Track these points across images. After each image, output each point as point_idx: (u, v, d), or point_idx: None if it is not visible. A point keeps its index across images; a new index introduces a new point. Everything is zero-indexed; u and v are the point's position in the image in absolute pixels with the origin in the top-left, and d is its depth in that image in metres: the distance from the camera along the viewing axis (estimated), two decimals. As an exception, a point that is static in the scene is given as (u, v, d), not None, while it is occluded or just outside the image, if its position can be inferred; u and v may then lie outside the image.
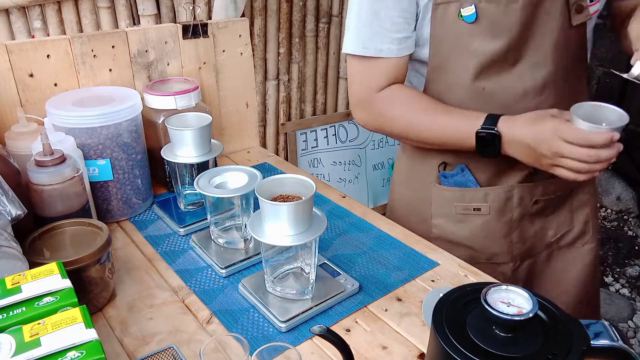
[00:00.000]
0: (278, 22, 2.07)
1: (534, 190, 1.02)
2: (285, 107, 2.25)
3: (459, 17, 0.89)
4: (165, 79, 1.18)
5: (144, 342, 0.74)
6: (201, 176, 0.89)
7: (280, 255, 0.79)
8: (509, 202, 1.01)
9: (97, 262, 0.77)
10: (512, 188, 1.01)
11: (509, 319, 0.47)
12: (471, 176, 1.01)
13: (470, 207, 1.03)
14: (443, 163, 1.03)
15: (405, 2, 0.91)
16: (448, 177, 1.03)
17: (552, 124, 0.84)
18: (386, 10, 0.92)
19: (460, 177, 1.02)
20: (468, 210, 1.03)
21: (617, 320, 2.23)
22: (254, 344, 0.72)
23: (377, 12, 0.92)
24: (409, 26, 0.94)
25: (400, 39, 0.94)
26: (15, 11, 1.51)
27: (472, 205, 1.02)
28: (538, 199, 1.03)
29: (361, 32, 0.94)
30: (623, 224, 2.91)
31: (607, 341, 0.49)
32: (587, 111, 0.83)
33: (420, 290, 0.84)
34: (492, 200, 1.01)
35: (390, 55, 0.95)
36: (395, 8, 0.91)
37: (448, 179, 1.03)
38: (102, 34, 1.09)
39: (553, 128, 0.83)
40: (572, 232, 1.09)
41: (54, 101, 1.00)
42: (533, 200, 1.02)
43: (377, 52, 0.94)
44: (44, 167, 0.85)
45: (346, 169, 2.45)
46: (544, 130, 0.84)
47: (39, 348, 0.54)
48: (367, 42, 0.94)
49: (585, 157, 0.82)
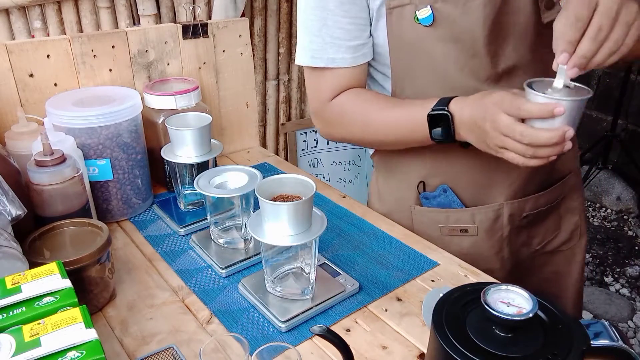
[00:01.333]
0: (278, 22, 2.08)
1: (524, 205, 0.96)
2: (285, 107, 2.25)
3: (416, 20, 0.83)
4: (165, 79, 1.18)
5: (144, 342, 0.74)
6: (201, 176, 0.89)
7: (280, 255, 0.79)
8: (497, 220, 0.95)
9: (97, 262, 0.77)
10: (501, 207, 0.94)
11: (509, 319, 0.47)
12: (455, 196, 0.95)
13: (457, 229, 0.97)
14: (421, 182, 0.97)
15: (355, 8, 0.85)
16: (430, 199, 0.96)
17: (498, 96, 0.75)
18: (334, 18, 0.86)
19: (443, 198, 0.95)
20: (454, 232, 0.97)
21: (617, 320, 2.23)
22: (254, 344, 0.72)
23: (325, 21, 0.86)
24: (362, 32, 0.88)
25: (355, 47, 0.88)
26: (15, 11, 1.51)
27: (459, 226, 0.96)
28: (528, 214, 0.97)
29: (311, 42, 0.89)
30: (623, 224, 2.91)
31: (607, 341, 0.49)
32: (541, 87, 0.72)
33: (420, 290, 0.84)
34: (480, 221, 0.95)
35: (344, 65, 0.89)
36: (345, 15, 0.85)
37: (430, 200, 0.96)
38: (102, 34, 1.09)
39: (497, 100, 0.74)
40: (558, 238, 1.04)
41: (54, 101, 1.00)
42: (523, 216, 0.97)
43: (329, 62, 0.89)
44: (44, 167, 0.85)
45: (346, 169, 2.45)
46: (489, 103, 0.75)
47: (39, 348, 0.54)
48: (317, 53, 0.89)
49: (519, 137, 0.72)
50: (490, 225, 0.96)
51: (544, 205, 0.98)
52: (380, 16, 0.86)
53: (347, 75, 0.91)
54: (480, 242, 0.97)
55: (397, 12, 0.84)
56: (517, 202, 0.95)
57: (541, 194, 0.97)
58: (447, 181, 0.95)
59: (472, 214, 0.95)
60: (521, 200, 0.95)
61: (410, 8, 0.82)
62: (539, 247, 1.03)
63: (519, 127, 0.71)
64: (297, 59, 0.93)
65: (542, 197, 0.97)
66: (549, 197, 0.98)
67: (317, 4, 0.86)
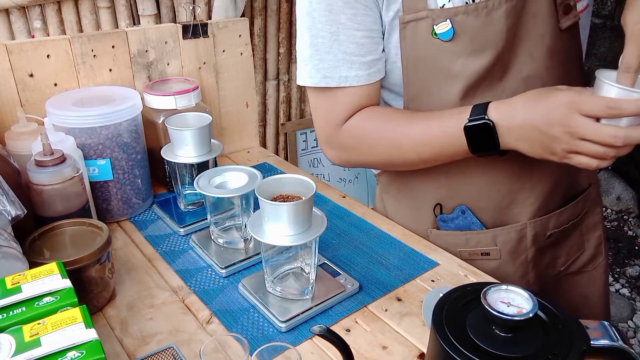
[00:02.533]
0: (278, 22, 2.07)
1: (547, 223, 0.90)
2: (285, 107, 2.25)
3: (433, 35, 0.76)
4: (165, 79, 1.18)
5: (144, 342, 0.74)
6: (201, 176, 0.89)
7: (280, 255, 0.79)
8: (522, 241, 0.89)
9: (97, 262, 0.77)
10: (524, 226, 0.88)
11: (509, 319, 0.47)
12: (474, 217, 0.88)
13: (478, 252, 0.90)
14: (438, 205, 0.90)
15: (369, 20, 0.78)
16: (447, 222, 0.90)
17: (566, 96, 0.68)
18: (347, 32, 0.79)
19: (461, 220, 0.89)
20: (475, 255, 0.90)
21: (617, 320, 2.23)
22: (254, 344, 0.72)
23: (337, 36, 0.79)
24: (377, 46, 0.81)
25: (370, 63, 0.81)
26: (15, 11, 1.51)
27: (480, 249, 0.90)
28: (552, 232, 0.91)
29: (321, 60, 0.81)
30: (623, 224, 2.91)
31: (607, 341, 0.49)
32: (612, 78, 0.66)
33: (420, 290, 0.84)
34: (503, 243, 0.89)
35: (359, 83, 0.81)
36: (359, 28, 0.78)
37: (447, 223, 0.90)
38: (102, 34, 1.09)
39: (568, 101, 0.67)
40: (583, 257, 0.98)
41: (54, 101, 1.00)
42: (547, 235, 0.90)
43: (342, 80, 0.81)
44: (44, 167, 0.85)
45: (346, 169, 2.45)
46: (556, 105, 0.68)
47: (39, 348, 0.54)
48: (328, 71, 0.81)
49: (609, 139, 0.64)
50: (513, 246, 0.90)
51: (567, 222, 0.92)
52: (392, 29, 0.80)
53: (361, 94, 0.83)
54: (503, 266, 0.91)
55: (412, 26, 0.78)
56: (541, 220, 0.89)
57: (563, 209, 0.91)
58: (465, 202, 0.89)
59: (494, 236, 0.89)
60: (544, 217, 0.89)
61: (427, 22, 0.76)
62: (563, 267, 0.97)
63: (608, 129, 0.65)
64: (301, 79, 0.85)
65: (564, 212, 0.91)
66: (572, 212, 0.93)
67: (328, 18, 0.79)
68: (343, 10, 0.78)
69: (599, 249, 1.00)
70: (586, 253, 0.99)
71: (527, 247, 0.90)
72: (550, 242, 0.93)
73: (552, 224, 0.91)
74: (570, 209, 0.93)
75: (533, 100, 0.71)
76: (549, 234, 0.91)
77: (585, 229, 0.98)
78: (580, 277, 1.00)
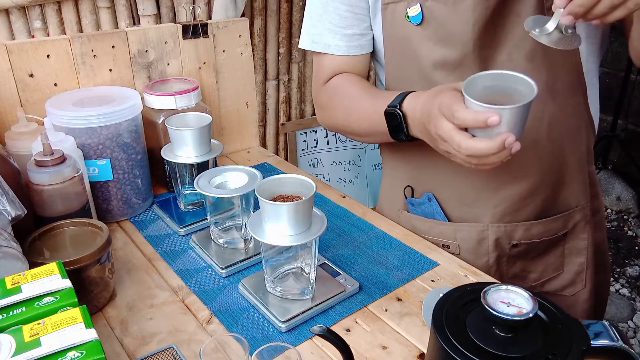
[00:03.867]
0: (278, 22, 2.07)
1: (512, 232, 0.88)
2: (285, 107, 2.25)
3: (406, 17, 0.81)
4: (165, 79, 1.18)
5: (144, 342, 0.74)
6: (201, 176, 0.89)
7: (280, 255, 0.79)
8: (482, 243, 0.89)
9: (97, 262, 0.77)
10: (485, 228, 0.88)
11: (509, 319, 0.47)
12: (438, 207, 0.90)
13: (439, 243, 0.92)
14: (408, 187, 0.93)
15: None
16: (415, 205, 0.93)
17: (442, 98, 0.69)
18: (334, 4, 0.88)
19: (427, 206, 0.91)
20: (437, 245, 0.92)
21: (617, 320, 2.23)
22: (254, 344, 0.72)
23: (326, 7, 0.89)
24: (359, 22, 0.88)
25: (350, 36, 0.89)
26: (15, 11, 1.51)
27: (441, 241, 0.91)
28: (518, 243, 0.89)
29: (313, 26, 0.91)
30: (623, 224, 2.91)
31: (607, 341, 0.49)
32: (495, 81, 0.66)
33: (420, 290, 0.84)
34: (462, 239, 0.89)
35: (339, 52, 0.90)
36: (344, 2, 0.87)
37: (415, 207, 0.93)
38: (102, 34, 1.09)
39: (439, 102, 0.69)
40: (560, 279, 0.94)
41: (54, 101, 1.00)
42: (512, 244, 0.89)
43: (325, 47, 0.91)
44: (44, 167, 0.85)
45: (346, 169, 2.45)
46: (435, 105, 0.70)
47: (39, 348, 0.54)
48: (316, 37, 0.91)
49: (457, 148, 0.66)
50: (473, 246, 0.89)
51: (538, 237, 0.90)
52: (377, 10, 0.86)
53: (342, 62, 0.91)
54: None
55: (391, 8, 0.83)
56: (504, 226, 0.88)
57: (534, 222, 0.89)
58: (432, 190, 0.91)
59: (455, 230, 0.90)
60: (509, 225, 0.88)
61: (403, 5, 0.81)
62: (535, 283, 0.94)
63: (457, 137, 0.66)
64: (300, 42, 0.96)
65: (534, 226, 0.89)
66: (546, 228, 0.90)
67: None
68: None
69: (579, 276, 0.95)
70: (564, 276, 0.95)
71: (489, 251, 0.89)
72: (518, 253, 0.90)
73: (518, 234, 0.89)
74: (544, 225, 0.89)
75: (432, 96, 0.73)
76: (515, 243, 0.89)
77: (567, 251, 0.94)
78: (557, 299, 0.93)
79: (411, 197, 0.94)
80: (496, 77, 0.67)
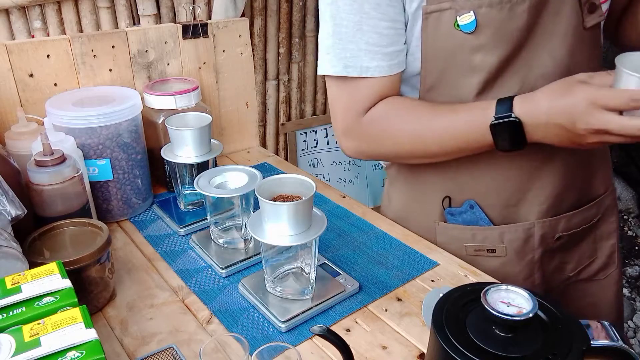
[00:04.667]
0: (278, 22, 2.07)
1: (556, 225, 0.89)
2: (285, 107, 2.25)
3: (456, 27, 0.76)
4: (165, 79, 1.18)
5: (144, 342, 0.74)
6: (201, 176, 0.89)
7: (280, 255, 0.79)
8: (529, 241, 0.89)
9: (97, 262, 0.77)
10: (532, 225, 0.87)
11: (509, 319, 0.47)
12: (482, 213, 0.88)
13: (484, 248, 0.90)
14: (447, 197, 0.90)
15: (393, 11, 0.78)
16: (455, 215, 0.90)
17: (584, 93, 0.67)
18: (371, 22, 0.78)
19: (469, 214, 0.89)
20: (481, 251, 0.90)
21: (617, 320, 2.23)
22: (254, 344, 0.72)
23: (360, 26, 0.79)
24: (400, 38, 0.81)
25: (392, 54, 0.80)
26: (15, 11, 1.51)
27: (486, 246, 0.89)
28: (561, 235, 0.90)
29: (343, 49, 0.81)
30: (623, 224, 2.91)
31: (607, 341, 0.49)
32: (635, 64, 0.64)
33: (420, 290, 0.84)
34: (509, 241, 0.88)
35: (380, 74, 0.81)
36: (383, 18, 0.78)
37: (455, 216, 0.90)
38: (102, 34, 1.09)
39: (589, 97, 0.67)
40: (594, 264, 0.96)
41: (54, 101, 1.00)
42: (556, 237, 0.89)
43: (364, 71, 0.81)
44: (44, 167, 0.85)
45: (346, 169, 2.45)
46: (577, 102, 0.68)
47: (39, 348, 0.54)
48: (350, 61, 0.80)
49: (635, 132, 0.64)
50: (520, 245, 0.89)
51: (577, 226, 0.91)
52: (415, 20, 0.79)
53: (382, 85, 0.82)
54: (508, 265, 0.90)
55: (435, 16, 0.77)
56: (549, 221, 0.88)
57: (574, 212, 0.90)
58: (474, 197, 0.88)
59: (501, 233, 0.88)
60: (553, 219, 0.88)
61: (450, 13, 0.76)
62: (572, 273, 0.96)
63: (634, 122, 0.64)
64: (322, 69, 0.85)
65: (575, 216, 0.90)
66: (583, 217, 0.92)
67: (352, 8, 0.79)
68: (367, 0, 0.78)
69: (611, 258, 0.97)
70: (598, 261, 0.97)
71: (534, 247, 0.89)
72: (560, 245, 0.92)
73: (561, 226, 0.90)
74: (582, 213, 0.91)
75: (555, 96, 0.70)
76: (558, 236, 0.90)
77: (599, 236, 0.96)
78: (590, 285, 0.98)
79: (449, 207, 0.90)
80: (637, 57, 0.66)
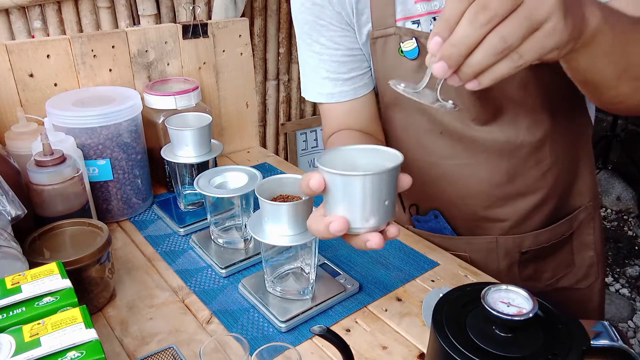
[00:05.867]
0: (278, 22, 2.08)
1: (521, 242, 0.90)
2: (285, 107, 2.25)
3: (400, 52, 0.79)
4: (165, 79, 1.18)
5: (144, 342, 0.74)
6: (201, 176, 0.89)
7: (280, 255, 0.79)
8: (492, 252, 0.91)
9: (97, 262, 0.77)
10: (494, 240, 0.90)
11: (509, 319, 0.47)
12: (446, 223, 0.91)
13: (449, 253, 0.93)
14: (414, 205, 0.93)
15: (348, 41, 0.83)
16: (421, 222, 0.94)
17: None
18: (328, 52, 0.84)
19: (434, 223, 0.92)
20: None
21: (617, 320, 2.23)
22: (254, 344, 0.72)
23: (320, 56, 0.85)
24: (360, 63, 0.85)
25: (354, 79, 0.85)
26: (15, 11, 1.51)
27: (453, 252, 0.92)
28: (527, 250, 0.91)
29: (311, 78, 0.88)
30: (623, 224, 2.91)
31: (607, 341, 0.49)
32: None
33: (420, 290, 0.84)
34: (472, 251, 0.92)
35: (346, 98, 0.86)
36: (339, 48, 0.84)
37: (422, 223, 0.94)
38: (102, 34, 1.09)
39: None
40: (573, 274, 0.96)
41: (54, 101, 1.00)
42: (522, 251, 0.91)
43: (329, 97, 0.87)
44: (44, 167, 0.85)
45: (346, 169, 2.45)
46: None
47: (39, 348, 0.54)
48: (319, 88, 0.87)
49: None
50: (485, 255, 0.92)
51: (547, 242, 0.92)
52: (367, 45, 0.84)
53: (350, 108, 0.87)
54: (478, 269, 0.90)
55: (381, 42, 0.81)
56: (513, 238, 0.90)
57: (540, 231, 0.90)
58: (438, 207, 0.92)
59: (465, 243, 0.92)
60: (517, 236, 0.90)
61: (395, 39, 0.79)
62: (549, 282, 0.96)
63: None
64: (304, 93, 0.92)
65: (542, 234, 0.91)
66: (552, 234, 0.92)
67: (312, 40, 0.85)
68: (322, 33, 0.84)
69: (590, 269, 0.97)
70: (576, 271, 0.97)
71: (499, 259, 0.92)
72: (530, 257, 0.92)
73: (527, 242, 0.91)
74: (549, 232, 0.91)
75: None
76: (524, 250, 0.91)
77: (577, 248, 0.96)
78: (572, 293, 0.98)
79: (416, 214, 0.94)
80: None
